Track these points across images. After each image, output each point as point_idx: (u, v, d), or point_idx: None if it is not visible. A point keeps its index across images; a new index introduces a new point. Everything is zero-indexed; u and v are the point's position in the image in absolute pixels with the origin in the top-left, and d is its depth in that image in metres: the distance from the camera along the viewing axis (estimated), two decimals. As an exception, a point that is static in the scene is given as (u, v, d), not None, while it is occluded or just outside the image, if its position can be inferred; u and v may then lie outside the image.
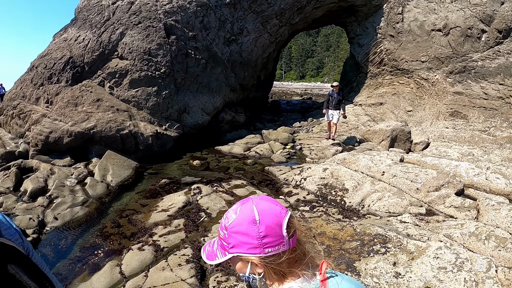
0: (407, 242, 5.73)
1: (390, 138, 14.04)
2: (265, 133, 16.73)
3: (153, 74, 14.71)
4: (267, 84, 26.78)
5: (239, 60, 18.83)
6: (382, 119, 18.69)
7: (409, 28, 19.71)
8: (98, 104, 13.85)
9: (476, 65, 17.44)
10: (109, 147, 13.01)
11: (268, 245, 1.32)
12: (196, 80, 16.31)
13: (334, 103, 14.81)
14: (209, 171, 12.22)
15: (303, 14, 21.76)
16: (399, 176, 9.08)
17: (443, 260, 5.16)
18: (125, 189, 10.84)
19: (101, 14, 15.88)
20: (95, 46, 14.72)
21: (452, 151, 13.03)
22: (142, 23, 15.31)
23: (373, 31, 21.69)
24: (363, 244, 5.81)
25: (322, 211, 7.95)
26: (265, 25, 19.96)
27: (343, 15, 24.21)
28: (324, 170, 10.20)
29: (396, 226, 6.61)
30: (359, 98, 21.65)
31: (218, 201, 8.72)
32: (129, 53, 14.76)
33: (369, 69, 22.13)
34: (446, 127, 16.36)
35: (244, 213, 1.36)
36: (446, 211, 7.81)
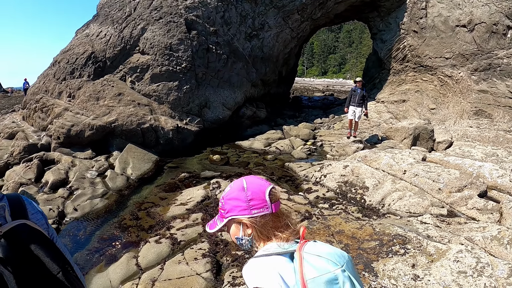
0: (427, 244, 5.61)
1: (412, 136, 13.82)
2: (286, 129, 16.66)
3: (174, 69, 14.76)
4: (288, 80, 26.65)
5: (260, 56, 18.76)
6: (405, 116, 18.40)
7: (433, 23, 19.30)
8: (119, 98, 13.97)
9: (501, 62, 17.00)
10: (130, 140, 13.13)
11: (254, 207, 1.64)
12: (217, 75, 16.32)
13: (357, 98, 14.34)
14: (229, 166, 12.26)
15: (325, 9, 21.51)
16: (421, 176, 8.91)
17: (463, 264, 5.03)
18: (144, 182, 10.94)
19: (122, 10, 16.00)
20: (117, 41, 14.85)
21: (476, 151, 12.74)
22: (163, 19, 15.37)
23: (396, 26, 21.29)
24: (382, 244, 5.71)
25: (342, 209, 7.87)
26: (286, 20, 19.81)
27: (365, 10, 23.81)
28: (345, 167, 10.09)
29: (416, 226, 6.49)
30: (382, 95, 21.36)
31: (237, 196, 8.71)
32: (151, 48, 14.84)
33: (392, 65, 21.79)
34: (470, 126, 16.02)
35: (236, 184, 1.74)
36: (468, 213, 7.64)
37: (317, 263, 1.48)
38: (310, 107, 27.11)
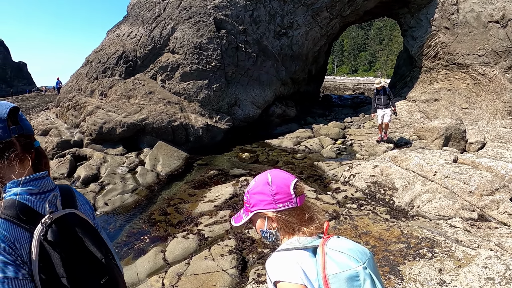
0: (456, 248, 5.52)
1: (444, 136, 13.58)
2: (315, 127, 16.61)
3: (204, 68, 14.92)
4: (318, 78, 26.54)
5: (289, 54, 18.75)
6: (436, 116, 18.06)
7: (464, 19, 18.81)
8: (150, 96, 14.21)
9: None
10: (160, 138, 13.35)
11: (279, 201, 1.68)
12: (247, 73, 16.41)
13: (383, 101, 14.03)
14: (258, 164, 12.32)
15: (354, 6, 21.33)
16: (452, 177, 8.74)
17: (491, 271, 4.93)
18: (174, 179, 11.12)
19: (152, 11, 16.28)
20: (147, 41, 15.13)
21: (509, 153, 12.42)
22: (192, 18, 15.56)
23: (427, 23, 20.92)
24: (409, 246, 5.65)
25: (370, 210, 7.82)
26: (315, 18, 19.74)
27: (395, 7, 23.49)
28: (374, 168, 9.98)
29: (445, 230, 6.39)
30: (413, 93, 21.03)
31: (265, 195, 8.75)
32: (180, 47, 15.04)
33: (423, 63, 21.41)
34: (503, 127, 15.62)
35: (261, 178, 1.77)
36: (499, 218, 7.46)
37: (340, 259, 1.51)
38: (340, 106, 26.91)
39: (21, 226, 1.52)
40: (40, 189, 1.66)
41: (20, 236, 1.50)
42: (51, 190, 1.72)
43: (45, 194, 1.68)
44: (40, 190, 1.66)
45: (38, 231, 1.52)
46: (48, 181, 1.73)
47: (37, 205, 1.61)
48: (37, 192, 1.65)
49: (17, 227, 1.50)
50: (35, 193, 1.63)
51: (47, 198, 1.65)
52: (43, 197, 1.66)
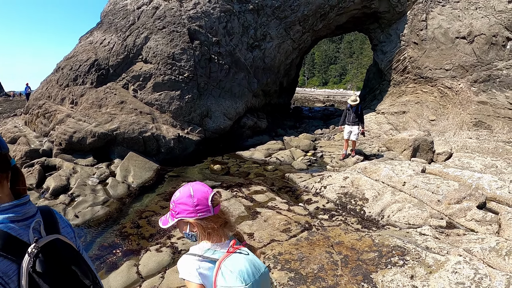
0: (426, 255, 5.66)
1: (412, 147, 13.90)
2: (286, 139, 16.70)
3: (177, 78, 14.89)
4: (289, 90, 26.77)
5: (261, 66, 18.90)
6: (405, 128, 18.48)
7: (433, 35, 19.45)
8: (121, 106, 14.08)
9: (501, 73, 17.12)
10: (131, 148, 13.21)
11: (199, 211, 2.06)
12: (219, 85, 16.44)
13: (352, 117, 13.77)
14: (229, 175, 12.29)
15: (326, 21, 21.67)
16: (420, 187, 8.97)
17: (461, 275, 5.08)
18: (145, 191, 10.98)
19: (126, 19, 16.18)
20: (120, 49, 15.00)
21: (475, 163, 12.80)
22: (166, 28, 15.53)
23: (397, 38, 21.47)
24: (381, 255, 5.76)
25: (341, 220, 7.93)
26: (288, 31, 19.99)
27: (366, 22, 24.02)
28: (345, 179, 10.15)
29: (415, 238, 6.54)
30: (382, 106, 21.46)
31: (237, 206, 8.77)
32: (153, 57, 14.99)
33: (392, 76, 21.92)
34: (469, 138, 16.09)
35: (184, 191, 2.12)
36: (467, 225, 7.68)
37: (228, 278, 1.92)
38: (310, 118, 27.18)
39: (8, 258, 1.45)
40: (23, 215, 1.59)
41: (8, 269, 1.43)
42: (33, 215, 1.65)
43: (28, 220, 1.61)
44: (23, 217, 1.59)
45: (26, 262, 1.46)
46: (30, 206, 1.66)
47: (21, 233, 1.54)
48: (20, 219, 1.57)
49: (4, 260, 1.44)
50: (17, 220, 1.56)
51: (30, 225, 1.58)
52: (26, 223, 1.59)
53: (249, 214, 8.29)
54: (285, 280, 5.34)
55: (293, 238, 6.76)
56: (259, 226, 7.47)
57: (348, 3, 21.29)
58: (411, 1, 20.60)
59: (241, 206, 8.77)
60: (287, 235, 6.96)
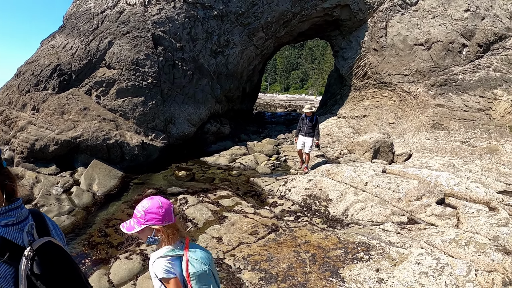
0: (390, 249, 5.92)
1: (373, 149, 14.30)
2: (250, 144, 16.88)
3: (140, 84, 14.78)
4: (252, 96, 26.96)
5: (225, 72, 18.99)
6: (366, 131, 18.94)
7: (392, 42, 20.09)
8: (84, 112, 13.85)
9: (457, 78, 17.89)
10: (95, 156, 12.99)
11: (166, 219, 2.62)
12: (183, 91, 16.42)
13: (306, 128, 13.01)
14: (194, 181, 12.30)
15: (289, 28, 22.00)
16: (382, 187, 9.32)
17: (424, 266, 5.37)
18: (111, 199, 10.84)
19: (89, 23, 15.92)
20: (83, 54, 14.75)
21: (434, 162, 13.34)
22: (130, 33, 15.39)
23: (357, 45, 22.02)
24: (347, 252, 5.98)
25: (307, 221, 8.12)
26: (251, 37, 20.16)
27: (328, 29, 24.50)
28: (308, 181, 10.41)
29: (378, 234, 6.81)
30: (343, 110, 21.88)
31: (204, 211, 8.81)
32: (117, 62, 14.82)
33: (353, 82, 22.42)
34: (427, 139, 16.67)
35: (154, 202, 2.65)
36: (427, 220, 8.05)
37: (195, 264, 2.61)
38: (273, 123, 27.51)
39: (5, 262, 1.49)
40: (16, 219, 1.63)
41: (6, 273, 1.48)
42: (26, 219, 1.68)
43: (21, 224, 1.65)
44: (16, 221, 1.63)
45: (23, 266, 1.50)
46: (23, 210, 1.70)
47: (16, 237, 1.58)
48: (14, 223, 1.61)
49: (2, 264, 1.48)
50: (11, 224, 1.60)
51: (24, 228, 1.62)
52: (20, 227, 1.62)
53: (216, 219, 8.35)
54: (256, 280, 5.47)
55: (261, 240, 6.92)
56: (227, 230, 7.57)
57: (311, 11, 21.69)
58: (372, 9, 21.23)
59: (208, 211, 8.82)
60: (255, 237, 7.09)
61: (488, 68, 17.61)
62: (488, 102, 16.98)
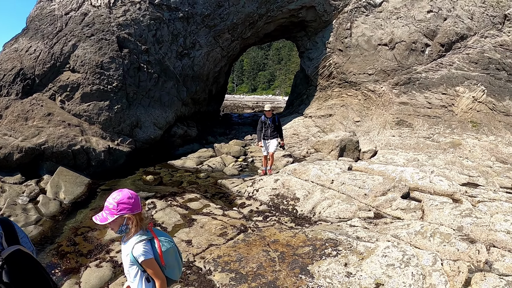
0: (357, 244, 6.07)
1: (339, 148, 14.53)
2: (217, 146, 16.85)
3: (105, 88, 14.58)
4: (218, 98, 26.92)
5: (191, 74, 18.92)
6: (332, 130, 19.24)
7: (356, 42, 20.55)
8: (49, 118, 13.55)
9: (420, 76, 18.44)
10: (61, 163, 12.71)
11: (135, 208, 2.92)
12: (148, 94, 16.28)
13: (269, 131, 12.36)
14: (162, 185, 12.22)
15: (255, 29, 22.14)
16: (348, 184, 9.53)
17: (391, 258, 5.54)
18: (78, 206, 10.64)
19: (53, 25, 15.56)
20: (47, 58, 14.42)
21: (398, 158, 13.67)
22: (95, 36, 15.14)
23: (323, 45, 22.40)
24: (315, 248, 6.10)
25: (275, 220, 8.21)
26: (217, 39, 20.17)
27: (294, 30, 24.79)
28: (276, 181, 10.55)
29: (346, 230, 6.96)
30: (309, 110, 22.19)
31: (173, 215, 8.79)
32: (81, 66, 14.56)
33: (319, 82, 22.76)
34: (392, 136, 17.09)
35: (124, 193, 2.93)
36: (393, 214, 8.28)
37: (166, 244, 3.02)
38: (240, 124, 27.60)
39: None
40: None
41: None
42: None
43: None
44: None
45: None
46: None
47: None
48: None
49: None
50: None
51: None
52: None
53: (185, 222, 8.34)
54: (227, 281, 5.51)
55: (230, 241, 6.96)
56: (196, 232, 7.58)
57: (277, 12, 21.88)
58: (337, 10, 21.62)
59: (176, 215, 8.80)
60: (224, 238, 7.13)
61: (450, 67, 18.23)
62: (451, 99, 17.55)
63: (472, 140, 15.65)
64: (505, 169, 12.92)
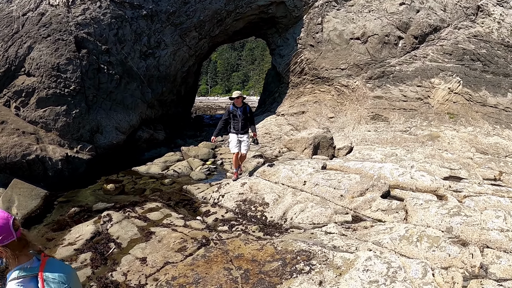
0: (334, 256, 5.29)
1: (312, 145, 13.93)
2: (184, 149, 16.03)
3: (62, 92, 13.61)
4: (188, 99, 26.07)
5: (156, 75, 18.06)
6: (305, 127, 18.78)
7: (328, 37, 20.25)
8: (2, 127, 12.53)
9: (394, 69, 18.25)
10: (15, 175, 11.71)
11: (4, 239, 2.16)
12: (110, 96, 15.33)
13: (240, 123, 10.54)
14: (124, 195, 11.33)
15: (224, 26, 21.53)
16: (322, 184, 8.76)
17: (373, 273, 4.75)
18: (32, 222, 9.58)
19: (10, 27, 14.51)
20: (1, 61, 13.40)
21: (376, 153, 13.09)
22: (51, 36, 14.16)
23: (294, 41, 22.06)
24: (285, 263, 5.28)
25: (241, 230, 7.40)
26: (184, 37, 19.45)
27: (264, 27, 24.37)
28: (243, 185, 9.69)
29: (321, 238, 6.18)
30: (281, 108, 21.78)
31: (129, 228, 7.88)
32: (37, 69, 13.57)
33: (291, 79, 22.39)
34: (368, 131, 16.68)
35: None
36: (373, 216, 7.57)
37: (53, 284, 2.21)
38: (211, 126, 26.74)
39: None
40: None
41: None
42: None
43: None
44: None
45: None
46: None
47: None
48: None
49: None
50: None
51: None
52: None
53: (143, 236, 7.45)
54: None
55: (189, 257, 6.06)
56: (153, 248, 6.68)
57: (245, 9, 21.41)
58: (307, 5, 21.32)
59: (134, 228, 7.91)
60: (183, 254, 6.23)
61: (424, 59, 18.12)
62: (426, 91, 17.39)
63: (450, 131, 15.33)
64: (486, 160, 12.55)
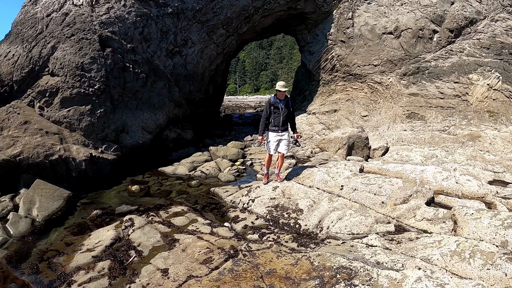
0: (378, 275, 4.61)
1: (347, 146, 13.28)
2: (212, 149, 15.57)
3: (86, 91, 13.33)
4: (217, 98, 25.77)
5: (183, 73, 17.71)
6: (337, 126, 18.24)
7: (360, 32, 19.70)
8: (25, 127, 12.33)
9: (429, 65, 17.57)
10: (39, 175, 11.45)
11: None
12: (136, 96, 15.01)
13: (281, 119, 9.01)
14: (149, 197, 10.90)
15: (251, 23, 21.19)
16: (361, 190, 8.03)
17: (426, 297, 4.06)
18: (53, 224, 9.28)
19: (34, 28, 14.44)
20: (25, 62, 13.29)
21: (414, 155, 12.33)
22: (75, 36, 13.96)
23: (324, 37, 21.57)
24: (323, 282, 4.62)
25: (273, 239, 6.75)
26: (211, 35, 19.12)
27: (292, 23, 23.99)
28: (274, 189, 9.02)
29: (362, 252, 5.50)
30: (313, 106, 21.33)
31: (152, 234, 7.38)
32: (61, 68, 13.36)
33: (321, 76, 21.92)
34: (404, 130, 15.98)
35: None
36: (418, 226, 6.83)
37: None
38: (240, 125, 26.77)
39: None
40: None
41: None
42: None
43: None
44: None
45: None
46: None
47: None
48: None
49: None
50: None
51: None
52: None
53: (166, 244, 6.93)
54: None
55: (215, 271, 5.46)
56: (176, 258, 6.12)
57: (273, 5, 21.02)
58: (337, 0, 20.86)
59: (156, 234, 7.40)
60: (208, 267, 5.65)
61: (460, 53, 17.40)
62: (464, 88, 16.62)
63: (491, 131, 14.44)
64: (531, 162, 11.58)
